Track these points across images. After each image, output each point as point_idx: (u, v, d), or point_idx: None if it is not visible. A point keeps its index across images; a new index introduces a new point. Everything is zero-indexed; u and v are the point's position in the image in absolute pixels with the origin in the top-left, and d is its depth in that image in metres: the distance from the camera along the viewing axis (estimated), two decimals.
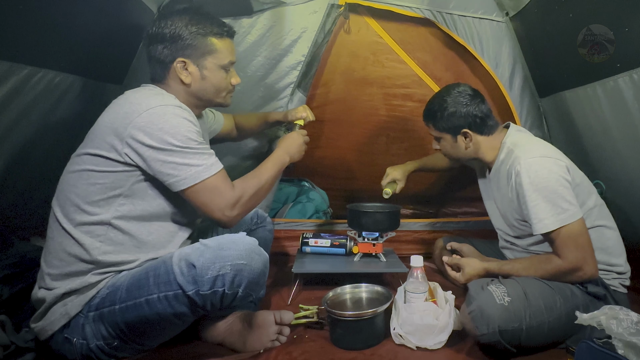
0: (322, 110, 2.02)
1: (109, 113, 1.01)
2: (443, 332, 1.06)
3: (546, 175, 1.11)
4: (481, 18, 1.74)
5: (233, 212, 1.03)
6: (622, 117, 1.28)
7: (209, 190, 0.99)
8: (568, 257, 1.09)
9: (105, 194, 0.98)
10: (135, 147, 0.95)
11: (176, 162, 0.96)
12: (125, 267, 1.00)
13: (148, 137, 0.95)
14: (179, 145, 0.96)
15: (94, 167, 0.97)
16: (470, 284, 1.12)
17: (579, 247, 1.08)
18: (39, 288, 1.00)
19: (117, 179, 0.98)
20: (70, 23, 1.28)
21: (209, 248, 0.94)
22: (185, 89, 1.10)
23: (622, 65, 1.20)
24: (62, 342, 0.97)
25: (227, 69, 1.15)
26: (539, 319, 1.02)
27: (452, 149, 1.34)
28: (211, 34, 1.09)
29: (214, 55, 1.10)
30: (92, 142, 0.99)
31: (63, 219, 0.98)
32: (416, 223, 2.02)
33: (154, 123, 0.95)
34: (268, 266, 1.01)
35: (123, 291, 0.96)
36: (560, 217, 1.09)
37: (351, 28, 1.86)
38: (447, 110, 1.27)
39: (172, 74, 1.09)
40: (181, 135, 0.97)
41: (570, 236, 1.09)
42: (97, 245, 0.97)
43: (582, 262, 1.08)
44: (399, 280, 1.48)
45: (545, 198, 1.10)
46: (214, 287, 0.91)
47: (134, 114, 0.96)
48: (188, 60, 1.08)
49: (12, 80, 1.16)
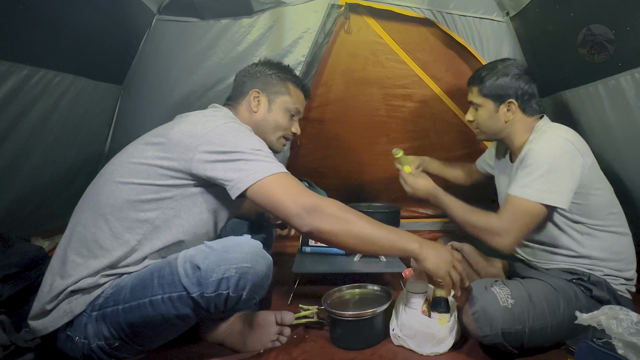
0: (322, 110, 2.03)
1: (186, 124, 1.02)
2: (442, 344, 1.05)
3: (558, 154, 1.11)
4: (481, 18, 1.74)
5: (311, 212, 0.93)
6: (623, 116, 1.27)
7: (279, 184, 0.96)
8: (504, 223, 1.13)
9: (158, 193, 1.00)
10: (205, 157, 0.97)
11: (246, 159, 0.96)
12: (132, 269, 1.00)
13: (221, 145, 0.97)
14: (251, 148, 0.98)
15: (158, 168, 0.99)
16: (473, 284, 1.11)
17: (521, 224, 1.12)
18: (58, 276, 0.97)
19: (175, 183, 1.00)
20: (70, 23, 1.28)
21: (214, 250, 0.93)
22: (250, 117, 1.20)
23: (623, 64, 1.20)
24: (64, 340, 0.97)
25: (292, 115, 1.24)
26: (542, 322, 1.02)
27: (490, 119, 1.29)
28: (288, 80, 1.24)
29: (285, 96, 1.22)
30: (161, 146, 1.00)
31: (107, 209, 0.98)
32: (416, 223, 2.02)
33: (230, 133, 1.00)
34: (272, 269, 1.00)
35: (127, 291, 0.96)
36: (533, 191, 1.10)
37: (351, 28, 1.86)
38: (497, 75, 1.25)
39: (245, 102, 1.21)
40: (254, 142, 1.01)
41: (525, 213, 1.11)
42: (132, 243, 0.98)
43: (509, 234, 1.12)
44: (399, 280, 1.48)
45: (542, 172, 1.10)
46: (218, 290, 0.91)
47: (211, 127, 0.99)
48: (262, 94, 1.21)
49: (12, 80, 1.16)
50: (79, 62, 1.40)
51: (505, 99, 1.24)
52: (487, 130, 1.32)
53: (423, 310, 1.10)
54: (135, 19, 1.63)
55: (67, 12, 1.24)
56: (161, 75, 1.73)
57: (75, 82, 1.41)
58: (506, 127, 1.28)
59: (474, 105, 1.32)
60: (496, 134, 1.32)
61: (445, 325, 1.05)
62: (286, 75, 1.24)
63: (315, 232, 0.95)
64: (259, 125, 1.20)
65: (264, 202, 0.96)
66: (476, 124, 1.34)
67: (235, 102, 1.22)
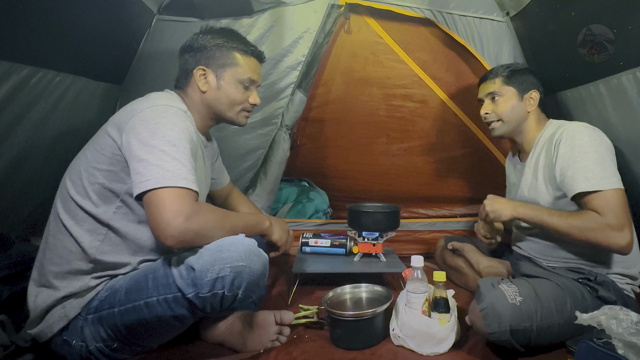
0: (322, 110, 2.03)
1: (118, 113, 1.03)
2: (442, 344, 1.05)
3: (599, 140, 1.14)
4: (482, 18, 1.74)
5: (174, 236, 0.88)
6: (625, 114, 1.27)
7: (160, 199, 0.88)
8: (608, 216, 1.03)
9: (103, 192, 0.98)
10: (126, 140, 0.94)
11: (149, 161, 0.90)
12: (121, 270, 1.01)
13: (140, 132, 0.93)
14: (163, 143, 0.92)
15: (96, 164, 0.98)
16: (480, 281, 1.10)
17: (621, 212, 1.04)
18: (39, 286, 0.99)
19: (116, 178, 0.98)
20: (70, 23, 1.28)
21: (208, 250, 0.93)
22: (201, 97, 1.13)
23: (625, 63, 1.20)
24: (61, 344, 0.97)
25: (247, 86, 1.16)
26: (549, 320, 1.01)
27: (514, 108, 1.31)
28: (235, 49, 1.13)
29: (234, 68, 1.13)
30: (97, 139, 1.01)
31: (64, 215, 0.99)
32: (416, 223, 2.02)
33: (152, 119, 0.96)
34: (268, 267, 1.00)
35: (122, 294, 0.96)
36: (609, 180, 1.07)
37: (351, 28, 1.86)
38: (519, 68, 1.34)
39: (192, 82, 1.12)
40: (171, 135, 0.94)
41: (615, 200, 1.05)
42: (95, 244, 0.98)
43: (625, 226, 1.02)
44: (399, 280, 1.48)
45: (595, 160, 1.10)
46: (213, 290, 0.91)
47: (136, 111, 0.98)
48: (208, 70, 1.11)
49: (12, 80, 1.16)
50: (79, 62, 1.40)
51: (530, 88, 1.31)
52: (511, 119, 1.32)
53: (423, 310, 1.10)
54: (135, 19, 1.63)
55: (67, 12, 1.24)
56: (161, 75, 1.72)
57: (75, 82, 1.41)
58: (526, 117, 1.32)
59: (493, 95, 1.34)
60: (518, 125, 1.33)
61: (445, 325, 1.05)
62: (232, 44, 1.13)
63: (181, 246, 0.91)
64: (212, 104, 1.13)
65: (146, 213, 0.90)
66: (497, 115, 1.34)
67: (183, 85, 1.14)
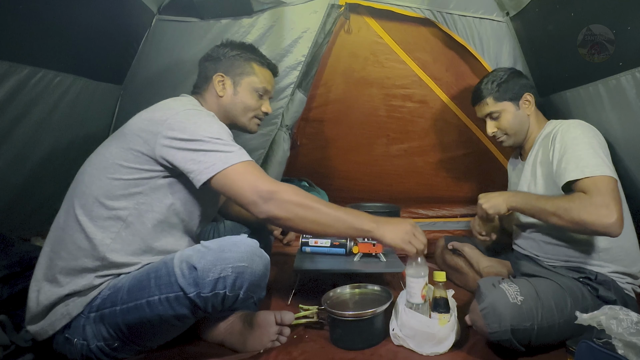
0: (322, 110, 2.03)
1: (147, 112, 1.05)
2: (442, 344, 1.05)
3: (592, 134, 1.17)
4: (481, 18, 1.74)
5: (267, 199, 0.96)
6: (624, 115, 1.27)
7: (237, 173, 0.97)
8: (594, 194, 1.02)
9: (127, 189, 0.99)
10: (167, 143, 0.98)
11: (205, 149, 0.97)
12: (126, 270, 1.00)
13: (181, 132, 0.98)
14: (209, 136, 0.98)
15: (123, 161, 1.00)
16: (480, 281, 1.10)
17: (608, 192, 1.02)
18: (43, 280, 0.98)
19: (142, 176, 1.00)
20: (70, 23, 1.28)
21: (210, 250, 0.93)
22: (218, 102, 1.20)
23: (624, 64, 1.20)
24: (62, 342, 0.97)
25: (261, 95, 1.23)
26: (550, 319, 1.01)
27: (515, 119, 1.35)
28: (253, 60, 1.23)
29: (250, 77, 1.21)
30: (124, 137, 1.02)
31: (79, 210, 0.99)
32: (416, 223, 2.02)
33: (189, 120, 1.00)
34: (269, 268, 1.00)
35: (124, 292, 0.96)
36: (599, 167, 1.08)
37: (351, 28, 1.86)
38: (504, 78, 1.35)
39: (210, 87, 1.20)
40: (214, 129, 1.00)
41: (604, 183, 1.04)
42: (107, 242, 0.98)
43: (611, 206, 1.00)
44: (399, 280, 1.48)
45: (586, 150, 1.11)
46: (215, 290, 0.91)
47: (170, 114, 1.01)
48: (226, 77, 1.20)
49: (12, 80, 1.16)
50: (79, 62, 1.40)
51: (522, 92, 1.34)
52: (517, 130, 1.36)
53: (422, 295, 1.09)
54: (135, 19, 1.63)
55: (67, 12, 1.24)
56: (161, 75, 1.72)
57: (75, 82, 1.41)
58: (529, 120, 1.35)
59: (492, 115, 1.38)
60: (525, 131, 1.37)
61: (445, 325, 1.05)
62: (250, 55, 1.23)
63: (272, 219, 0.98)
64: (227, 108, 1.20)
65: (225, 192, 0.98)
66: (502, 131, 1.38)
67: (201, 90, 1.22)
